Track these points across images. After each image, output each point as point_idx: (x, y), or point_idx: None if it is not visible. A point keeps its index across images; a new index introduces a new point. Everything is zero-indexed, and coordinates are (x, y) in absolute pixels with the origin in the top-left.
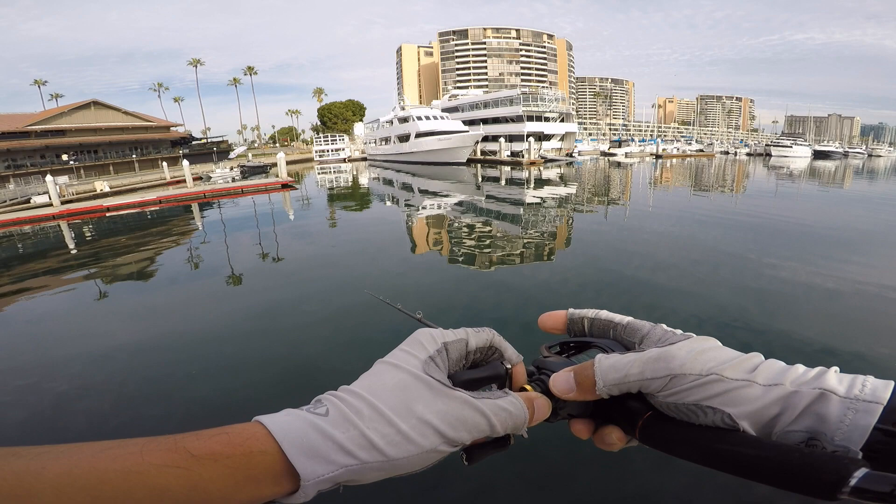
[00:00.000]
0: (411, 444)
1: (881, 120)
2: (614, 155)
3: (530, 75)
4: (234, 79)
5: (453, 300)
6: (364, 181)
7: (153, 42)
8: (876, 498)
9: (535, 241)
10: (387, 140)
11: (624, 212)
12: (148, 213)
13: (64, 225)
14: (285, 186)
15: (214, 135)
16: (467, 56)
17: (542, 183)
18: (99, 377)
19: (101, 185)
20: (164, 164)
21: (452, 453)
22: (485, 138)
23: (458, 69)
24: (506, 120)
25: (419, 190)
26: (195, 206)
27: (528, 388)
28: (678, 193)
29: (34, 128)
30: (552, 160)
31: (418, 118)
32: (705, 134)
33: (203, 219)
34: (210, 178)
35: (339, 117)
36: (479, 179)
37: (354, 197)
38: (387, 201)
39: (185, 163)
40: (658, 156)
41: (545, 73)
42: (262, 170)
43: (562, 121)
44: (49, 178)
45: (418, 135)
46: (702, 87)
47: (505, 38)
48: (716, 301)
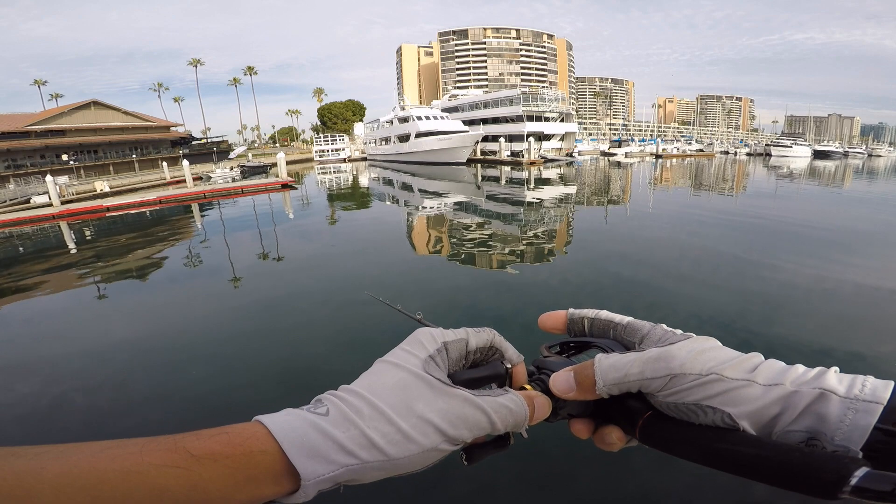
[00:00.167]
0: (412, 443)
1: (881, 120)
2: (614, 155)
3: (530, 75)
4: (234, 79)
5: (453, 300)
6: (364, 181)
7: (153, 42)
8: (877, 497)
9: (535, 241)
10: (387, 140)
11: (624, 212)
12: (148, 214)
13: (64, 225)
14: (285, 186)
15: (214, 135)
16: (467, 56)
17: (541, 183)
18: (99, 377)
19: (101, 185)
20: (164, 164)
21: (452, 453)
22: (485, 138)
23: (458, 69)
24: (506, 120)
25: (419, 190)
26: (195, 206)
27: (528, 388)
28: (678, 193)
29: (34, 128)
30: (552, 160)
31: (418, 118)
32: (705, 134)
33: (203, 219)
34: (210, 178)
35: (339, 117)
36: (479, 179)
37: (354, 197)
38: (387, 201)
39: (185, 163)
40: (658, 156)
41: (545, 73)
42: (262, 170)
43: (562, 121)
44: (49, 178)
45: (418, 135)
46: (702, 87)
47: (505, 38)
48: (716, 301)
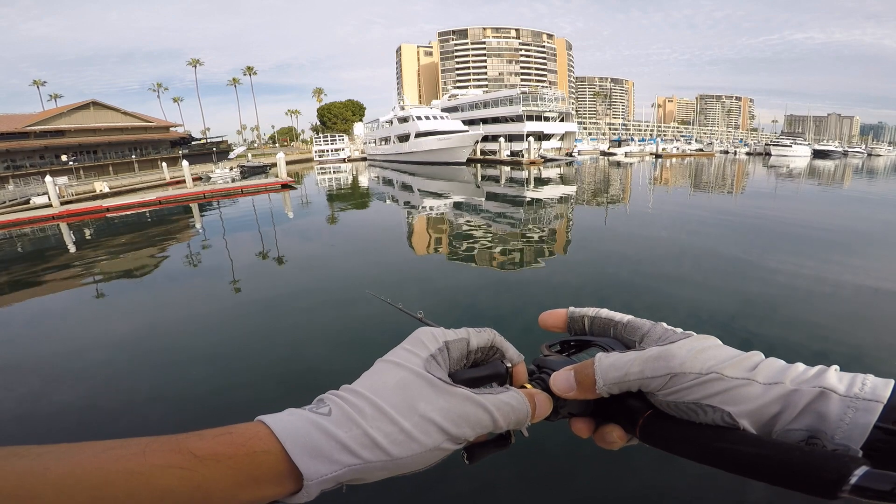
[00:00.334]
0: (414, 443)
1: (880, 119)
2: (614, 154)
3: (530, 75)
4: (234, 79)
5: (454, 299)
6: (364, 181)
7: (153, 42)
8: (876, 496)
9: (535, 240)
10: (386, 140)
11: (624, 211)
12: (148, 214)
13: (64, 226)
14: (285, 186)
15: (214, 135)
16: (467, 56)
17: (541, 183)
18: (99, 377)
19: (101, 185)
20: (164, 164)
21: (454, 452)
22: (484, 138)
23: (457, 69)
24: (505, 120)
25: (419, 190)
26: (195, 206)
27: (529, 387)
28: (678, 193)
29: (33, 128)
30: (552, 160)
31: (418, 118)
32: (705, 133)
33: (203, 219)
34: (210, 178)
35: (338, 117)
36: (479, 179)
37: (354, 197)
38: (387, 201)
39: (185, 163)
40: (658, 155)
41: (545, 73)
42: (261, 170)
43: (561, 120)
44: (48, 178)
45: (418, 135)
46: (701, 87)
47: (504, 37)
48: (716, 299)
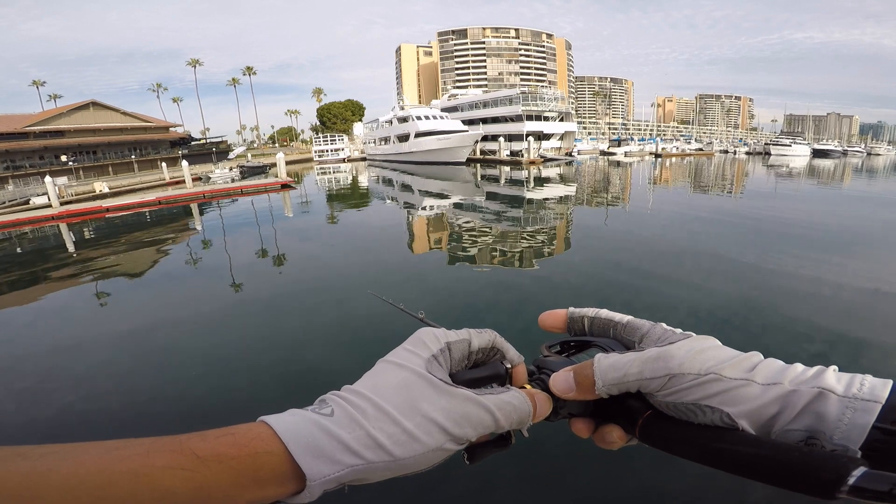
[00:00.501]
0: (417, 443)
1: (880, 118)
2: (614, 154)
3: (529, 75)
4: (234, 79)
5: (454, 299)
6: (363, 181)
7: (153, 42)
8: (875, 497)
9: (535, 240)
10: (386, 140)
11: (624, 211)
12: (147, 214)
13: (63, 226)
14: (285, 187)
15: (213, 135)
16: (466, 56)
17: (541, 182)
18: (99, 377)
19: (101, 185)
20: (164, 164)
21: (455, 453)
22: (484, 138)
23: (457, 69)
24: (505, 119)
25: (419, 190)
26: (195, 206)
27: (529, 388)
28: (677, 192)
29: (33, 129)
30: (552, 159)
31: (418, 118)
32: (704, 133)
33: (203, 219)
34: (209, 178)
35: (338, 117)
36: (479, 179)
37: (354, 197)
38: (386, 201)
39: (185, 163)
40: (657, 155)
41: (544, 73)
42: (261, 170)
43: (561, 120)
44: (48, 179)
45: (418, 134)
46: (701, 86)
47: (504, 37)
48: (715, 300)
